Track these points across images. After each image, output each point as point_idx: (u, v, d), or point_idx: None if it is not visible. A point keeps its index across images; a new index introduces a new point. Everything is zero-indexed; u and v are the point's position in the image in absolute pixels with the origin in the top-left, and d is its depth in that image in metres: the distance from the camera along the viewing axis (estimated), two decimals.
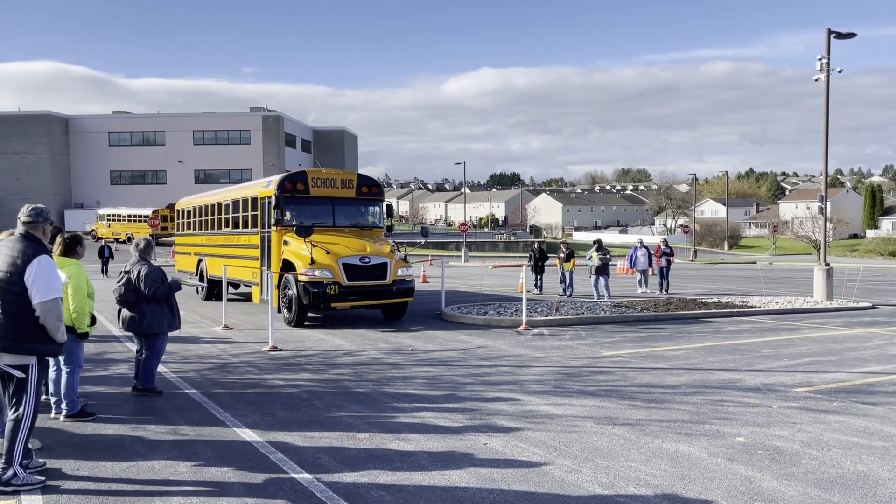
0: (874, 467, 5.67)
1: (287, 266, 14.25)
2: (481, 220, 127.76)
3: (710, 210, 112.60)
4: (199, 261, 20.03)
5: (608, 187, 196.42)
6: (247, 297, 18.89)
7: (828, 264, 20.34)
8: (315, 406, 7.60)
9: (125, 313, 8.11)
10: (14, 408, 5.08)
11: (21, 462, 5.11)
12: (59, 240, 6.94)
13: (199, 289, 20.04)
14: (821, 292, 19.77)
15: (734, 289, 25.36)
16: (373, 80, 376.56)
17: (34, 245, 5.17)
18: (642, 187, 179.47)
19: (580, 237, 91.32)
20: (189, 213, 22.26)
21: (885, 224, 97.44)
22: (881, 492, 5.13)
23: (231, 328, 13.78)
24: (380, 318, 15.31)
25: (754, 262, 52.10)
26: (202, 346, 11.65)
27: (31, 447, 5.80)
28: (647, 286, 22.90)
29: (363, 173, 15.76)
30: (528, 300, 15.08)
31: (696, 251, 59.96)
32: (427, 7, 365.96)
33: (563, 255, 21.42)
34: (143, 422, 6.95)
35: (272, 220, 14.88)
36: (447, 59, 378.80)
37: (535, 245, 23.64)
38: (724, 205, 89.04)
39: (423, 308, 17.14)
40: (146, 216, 53.91)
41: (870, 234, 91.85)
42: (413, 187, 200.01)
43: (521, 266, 16.98)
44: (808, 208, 73.51)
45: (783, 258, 62.74)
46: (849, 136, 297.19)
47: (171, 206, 65.50)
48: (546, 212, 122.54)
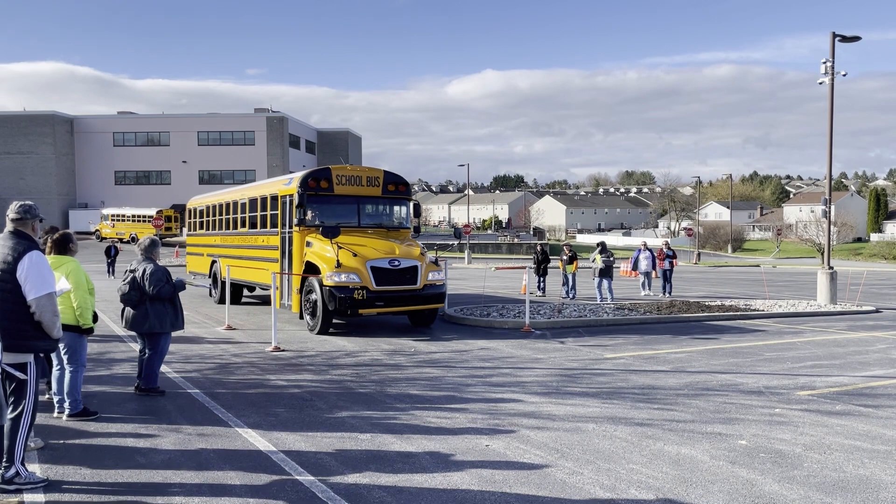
0: (876, 471, 5.66)
1: (310, 269, 13.43)
2: (485, 221, 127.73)
3: (714, 213, 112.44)
4: (213, 262, 19.17)
5: (612, 190, 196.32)
6: (263, 301, 18.42)
7: (831, 268, 20.30)
8: (317, 406, 7.60)
9: (129, 312, 8.13)
10: (13, 406, 5.08)
11: (23, 461, 5.12)
12: (49, 240, 6.87)
13: (213, 291, 19.14)
14: (824, 296, 19.73)
15: (737, 292, 25.32)
16: (376, 82, 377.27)
17: (25, 241, 5.18)
18: (646, 190, 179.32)
19: (584, 239, 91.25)
20: (202, 212, 21.41)
21: (890, 228, 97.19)
22: (883, 495, 5.12)
23: (234, 328, 13.80)
24: (389, 321, 15.09)
25: (758, 266, 52.00)
26: (205, 346, 11.67)
27: (32, 446, 5.83)
28: (650, 289, 22.89)
29: (389, 170, 15.02)
30: (530, 302, 15.07)
31: (699, 254, 59.87)
32: (431, 10, 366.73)
33: (565, 257, 21.42)
34: (145, 421, 6.96)
35: (294, 220, 13.98)
36: (451, 62, 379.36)
37: (539, 247, 23.64)
38: (727, 208, 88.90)
39: None
40: (150, 216, 54.09)
41: (874, 237, 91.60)
42: (417, 189, 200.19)
43: (524, 268, 16.95)
44: (812, 212, 73.36)
45: (787, 261, 62.62)
46: (852, 140, 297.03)
47: (175, 207, 65.97)
48: (549, 214, 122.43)
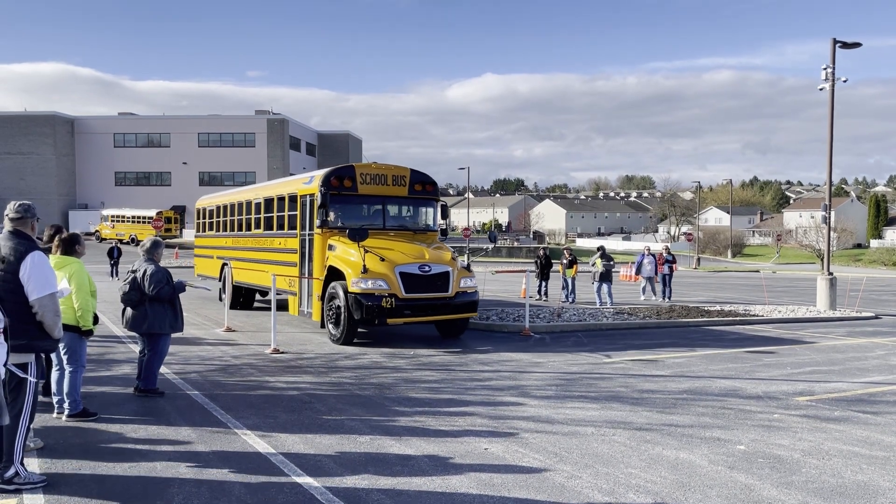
0: (875, 477, 5.67)
1: (332, 274, 12.54)
2: (485, 225, 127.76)
3: (714, 218, 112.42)
4: (223, 265, 18.07)
5: (612, 194, 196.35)
6: (280, 307, 17.67)
7: (831, 274, 20.32)
8: (316, 409, 7.61)
9: (128, 312, 8.15)
10: (12, 406, 5.08)
11: (22, 461, 5.12)
12: (56, 239, 6.95)
13: (223, 295, 18.00)
14: (824, 302, 19.74)
15: (737, 297, 25.33)
16: (377, 85, 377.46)
17: (25, 242, 5.19)
18: (646, 194, 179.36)
19: (584, 243, 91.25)
20: (211, 212, 20.39)
21: (890, 234, 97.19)
22: (881, 501, 5.13)
23: (233, 330, 13.80)
24: (406, 331, 13.96)
25: (758, 271, 52.01)
26: (204, 348, 11.67)
27: (31, 446, 5.83)
28: (653, 293, 22.88)
29: (416, 169, 14.16)
30: (530, 306, 15.07)
31: (699, 259, 59.90)
32: (431, 13, 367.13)
33: (565, 261, 21.44)
34: (144, 422, 6.97)
35: (316, 222, 13.03)
36: (451, 65, 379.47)
37: (541, 251, 23.63)
38: (727, 213, 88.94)
39: None
40: (150, 217, 54.09)
41: (874, 244, 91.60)
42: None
43: (523, 272, 16.95)
44: (812, 217, 73.36)
45: (786, 267, 62.63)
46: (851, 146, 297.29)
47: (175, 208, 66.02)
48: (550, 218, 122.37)
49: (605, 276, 20.42)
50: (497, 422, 7.19)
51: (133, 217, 57.78)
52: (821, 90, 20.43)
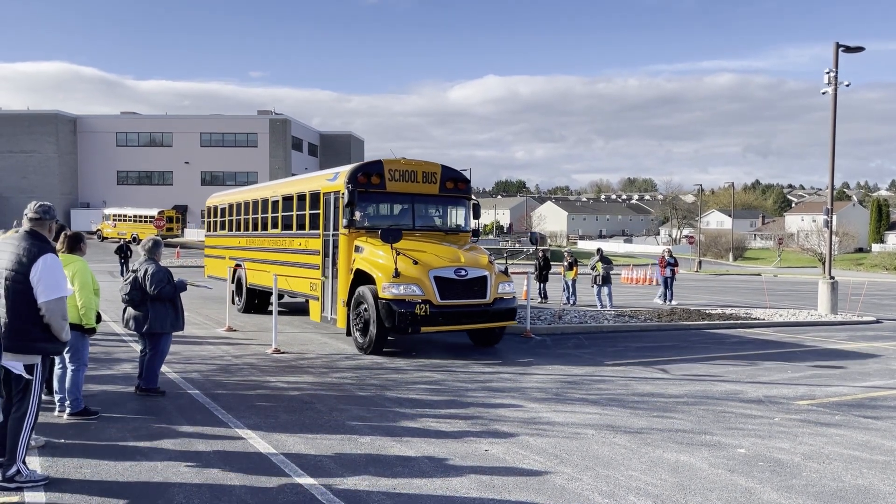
0: (875, 481, 5.67)
1: (359, 278, 11.72)
2: (486, 226, 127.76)
3: (716, 221, 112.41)
4: (237, 266, 17.24)
5: (613, 196, 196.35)
6: (292, 310, 17.06)
7: (832, 278, 20.30)
8: (317, 409, 7.62)
9: (129, 312, 8.16)
10: (18, 405, 5.10)
11: (24, 459, 5.14)
12: (61, 237, 6.99)
13: (236, 298, 17.28)
14: (825, 306, 19.73)
15: (738, 300, 25.31)
16: (379, 86, 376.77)
17: (39, 243, 5.17)
18: (648, 197, 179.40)
19: (585, 246, 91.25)
20: (223, 210, 19.39)
21: (892, 238, 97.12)
22: None
23: (234, 330, 13.81)
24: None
25: (759, 274, 51.98)
26: (205, 348, 11.68)
27: (33, 444, 5.85)
28: (671, 297, 22.72)
29: (448, 165, 13.33)
30: (531, 308, 15.08)
31: (700, 262, 59.87)
32: (433, 15, 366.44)
33: (566, 263, 21.43)
34: (146, 422, 6.98)
35: (342, 221, 12.14)
36: (453, 67, 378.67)
37: (541, 253, 23.63)
38: (729, 216, 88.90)
39: None
40: (152, 217, 54.12)
41: (875, 248, 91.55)
42: None
43: (524, 273, 16.96)
44: (813, 221, 73.36)
45: (788, 270, 62.59)
46: (852, 150, 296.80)
47: (177, 207, 66.09)
48: (551, 220, 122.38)
49: (606, 279, 20.44)
50: (497, 423, 7.19)
51: (135, 216, 57.79)
52: (823, 94, 20.42)
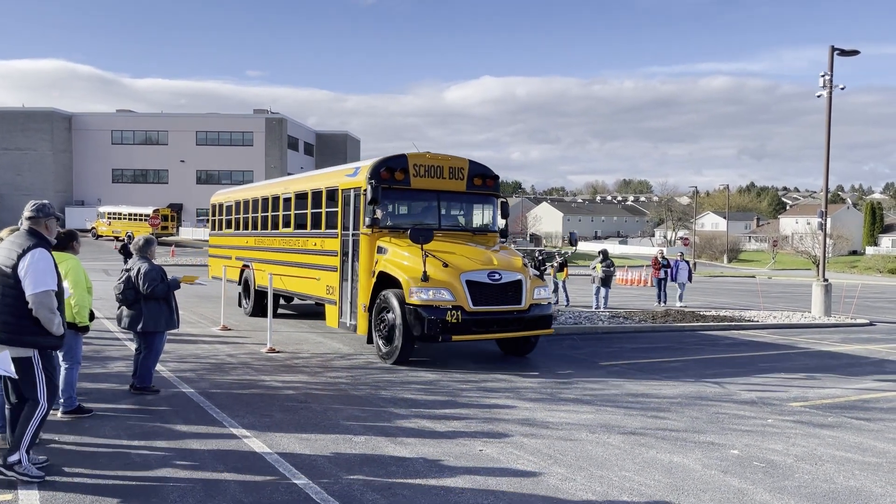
0: (867, 483, 5.70)
1: (382, 281, 10.92)
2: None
3: (711, 223, 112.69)
4: (244, 267, 16.48)
5: (609, 198, 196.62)
6: (302, 313, 16.63)
7: (826, 280, 20.39)
8: (312, 408, 7.62)
9: (123, 311, 8.15)
10: (30, 397, 5.20)
11: (28, 450, 5.20)
12: (58, 233, 6.98)
13: (243, 301, 16.70)
14: (819, 308, 19.81)
15: (732, 302, 25.39)
16: (376, 86, 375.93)
17: (33, 239, 5.28)
18: (643, 199, 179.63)
19: (581, 247, 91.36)
20: (230, 208, 18.49)
21: (885, 241, 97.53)
22: None
23: (229, 328, 13.80)
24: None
25: (753, 276, 52.14)
26: (200, 346, 11.67)
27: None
28: (682, 300, 22.77)
29: (475, 160, 12.53)
30: None
31: (695, 263, 60.01)
32: (430, 15, 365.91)
33: (556, 264, 21.43)
34: (139, 420, 6.97)
35: (364, 220, 11.35)
36: (449, 67, 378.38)
37: (536, 253, 23.60)
38: (724, 218, 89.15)
39: None
40: (147, 215, 54.03)
41: (869, 251, 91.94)
42: None
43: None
44: (808, 223, 73.64)
45: (782, 273, 62.78)
46: (846, 153, 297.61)
47: (172, 206, 65.97)
48: (547, 220, 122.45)
49: (605, 281, 20.48)
50: (492, 423, 7.21)
51: (130, 214, 57.66)
52: (818, 97, 20.51)
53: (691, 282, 22.99)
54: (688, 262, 23.35)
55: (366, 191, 11.16)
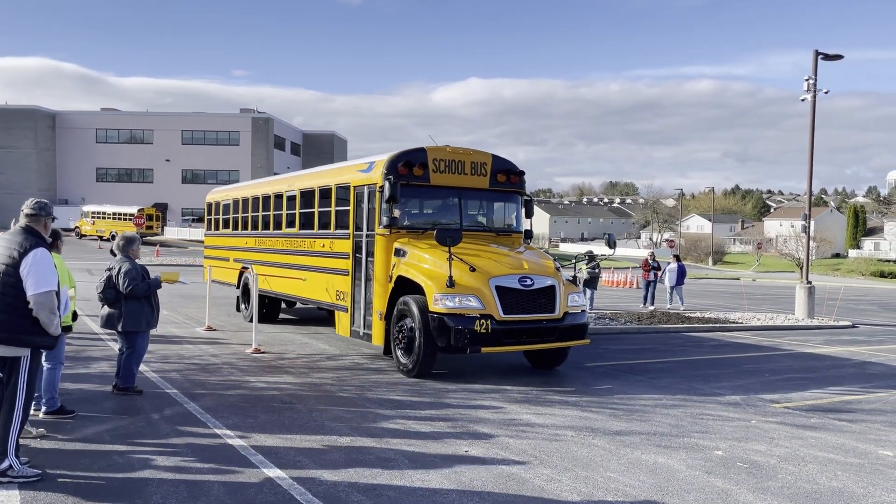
0: (849, 483, 5.75)
1: (400, 286, 10.02)
2: None
3: (696, 225, 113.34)
4: (243, 270, 15.48)
5: (595, 200, 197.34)
6: (305, 318, 15.88)
7: (810, 282, 20.55)
8: (297, 409, 7.58)
9: (104, 310, 8.08)
10: (8, 400, 5.14)
11: (16, 454, 5.17)
12: None
13: (242, 306, 15.73)
14: (802, 310, 19.97)
15: (717, 304, 25.55)
16: (363, 86, 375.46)
17: (33, 238, 5.25)
18: (629, 200, 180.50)
19: (567, 248, 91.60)
20: (228, 206, 17.36)
21: (868, 244, 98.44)
22: None
23: (214, 329, 13.71)
24: None
25: (738, 279, 52.49)
26: (185, 347, 11.59)
27: (34, 433, 5.94)
28: (681, 301, 22.79)
29: (498, 155, 11.59)
30: None
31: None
32: (417, 17, 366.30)
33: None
34: (122, 421, 6.91)
35: (381, 219, 10.41)
36: (436, 69, 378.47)
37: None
38: (709, 220, 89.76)
39: None
40: (131, 214, 53.62)
41: (852, 253, 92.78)
42: None
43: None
44: (792, 226, 74.18)
45: (766, 275, 63.25)
46: (828, 157, 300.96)
47: (156, 205, 65.49)
48: (533, 222, 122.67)
49: (590, 282, 20.48)
50: (478, 424, 7.21)
51: (114, 214, 57.14)
52: (802, 101, 20.67)
53: (683, 283, 23.03)
54: (683, 264, 23.39)
55: (381, 188, 10.32)
